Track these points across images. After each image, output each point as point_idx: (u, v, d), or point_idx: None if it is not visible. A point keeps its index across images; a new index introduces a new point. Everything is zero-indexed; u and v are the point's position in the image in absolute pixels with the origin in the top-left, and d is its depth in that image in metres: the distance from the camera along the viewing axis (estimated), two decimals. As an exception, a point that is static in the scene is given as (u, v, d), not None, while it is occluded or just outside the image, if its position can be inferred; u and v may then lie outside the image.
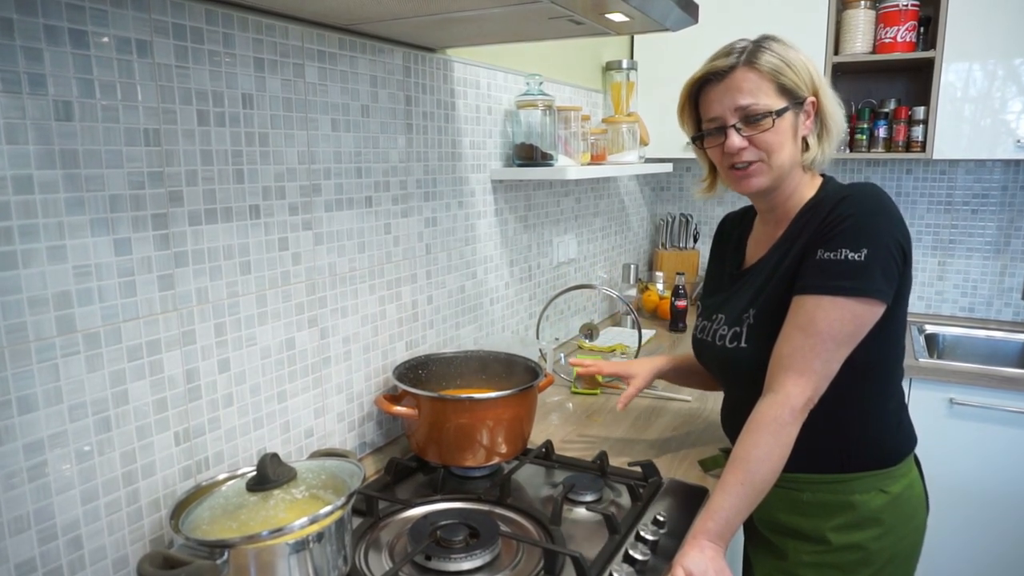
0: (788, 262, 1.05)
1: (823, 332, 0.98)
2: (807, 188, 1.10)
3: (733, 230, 1.27)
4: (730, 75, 1.04)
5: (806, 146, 1.07)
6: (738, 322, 1.11)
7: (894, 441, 1.10)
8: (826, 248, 0.99)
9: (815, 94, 1.05)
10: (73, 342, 0.83)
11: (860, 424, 1.07)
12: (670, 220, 2.75)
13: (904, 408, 1.13)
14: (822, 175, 1.13)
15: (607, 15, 1.08)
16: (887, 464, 1.08)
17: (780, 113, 1.03)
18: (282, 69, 1.08)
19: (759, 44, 1.04)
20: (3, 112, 0.74)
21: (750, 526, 1.22)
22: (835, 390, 1.01)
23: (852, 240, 0.98)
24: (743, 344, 1.09)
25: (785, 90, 1.03)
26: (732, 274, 1.21)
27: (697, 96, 1.11)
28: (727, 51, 1.05)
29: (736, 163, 1.07)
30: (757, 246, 1.18)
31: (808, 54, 1.08)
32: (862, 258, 0.97)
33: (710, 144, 1.10)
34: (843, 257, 0.97)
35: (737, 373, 1.14)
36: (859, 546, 1.07)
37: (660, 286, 2.50)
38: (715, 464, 1.28)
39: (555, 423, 1.56)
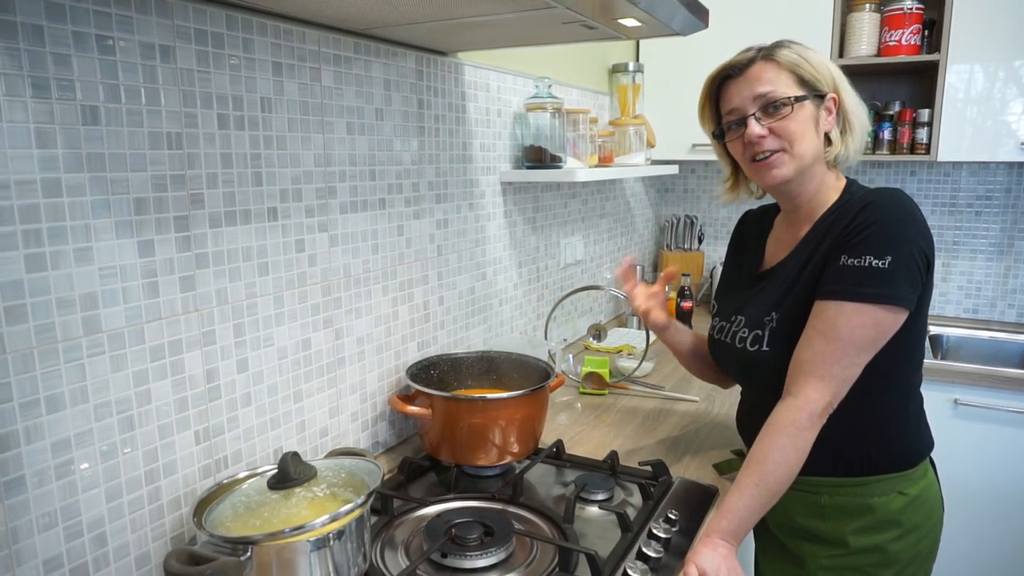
0: (812, 267, 1.05)
1: (844, 338, 0.98)
2: (832, 189, 1.09)
3: (752, 228, 1.27)
4: (749, 68, 1.06)
5: (829, 142, 1.07)
6: (760, 325, 1.11)
7: (913, 444, 1.11)
8: (850, 254, 0.99)
9: (836, 91, 1.06)
10: (99, 342, 0.84)
11: (880, 427, 1.07)
12: (675, 221, 2.77)
13: (922, 411, 1.14)
14: (846, 178, 1.13)
15: (619, 20, 1.10)
16: (906, 466, 1.08)
17: (799, 100, 1.04)
18: (299, 73, 1.10)
19: (778, 42, 1.07)
20: (34, 117, 0.76)
21: (762, 534, 1.23)
22: (856, 393, 1.01)
23: (877, 247, 0.97)
24: (764, 347, 1.09)
25: (804, 82, 1.05)
26: (751, 274, 1.21)
27: (717, 94, 1.12)
28: (746, 49, 1.08)
29: (757, 154, 1.06)
30: (778, 246, 1.17)
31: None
32: (886, 265, 0.96)
33: (730, 138, 1.10)
34: (867, 264, 0.97)
35: (757, 376, 1.15)
36: (879, 548, 1.07)
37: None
38: (730, 468, 1.29)
39: (564, 423, 1.57)
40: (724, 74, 1.09)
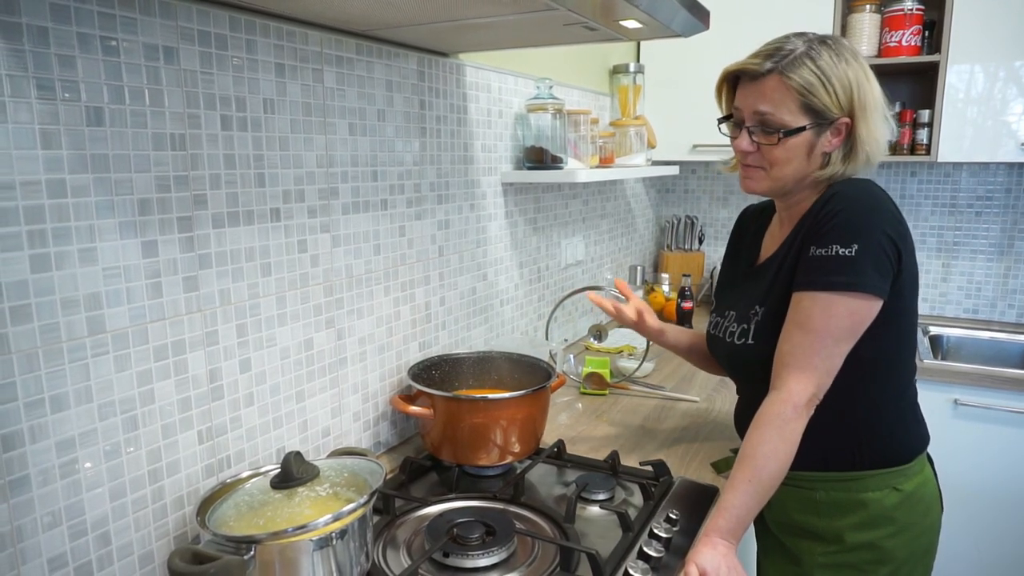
0: (790, 260, 1.07)
1: (820, 328, 0.99)
2: (819, 191, 1.10)
3: (751, 224, 1.27)
4: (761, 79, 1.04)
5: (828, 161, 1.06)
6: (746, 319, 1.12)
7: (906, 438, 1.11)
8: (818, 245, 1.01)
9: (852, 116, 1.03)
10: (103, 342, 0.85)
11: (872, 421, 1.08)
12: (675, 222, 2.77)
13: (916, 405, 1.14)
14: None
15: (620, 21, 1.10)
16: (900, 462, 1.09)
17: (790, 133, 1.02)
18: (302, 74, 1.10)
19: (807, 53, 1.02)
20: (39, 118, 0.76)
21: (762, 532, 1.23)
22: (846, 387, 1.02)
23: (842, 236, 0.98)
24: (750, 341, 1.11)
25: (810, 109, 1.02)
26: (745, 270, 1.22)
27: (735, 82, 1.11)
28: (772, 51, 1.03)
29: (743, 161, 1.10)
30: (771, 242, 1.19)
31: (867, 70, 1.04)
32: (853, 253, 0.97)
33: (728, 131, 1.13)
34: (834, 253, 0.99)
35: (745, 369, 1.16)
36: (873, 545, 1.08)
37: (666, 288, 2.52)
38: (728, 466, 1.29)
39: (565, 423, 1.58)
40: (739, 73, 1.08)
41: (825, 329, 0.99)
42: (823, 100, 1.01)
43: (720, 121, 1.15)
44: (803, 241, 1.04)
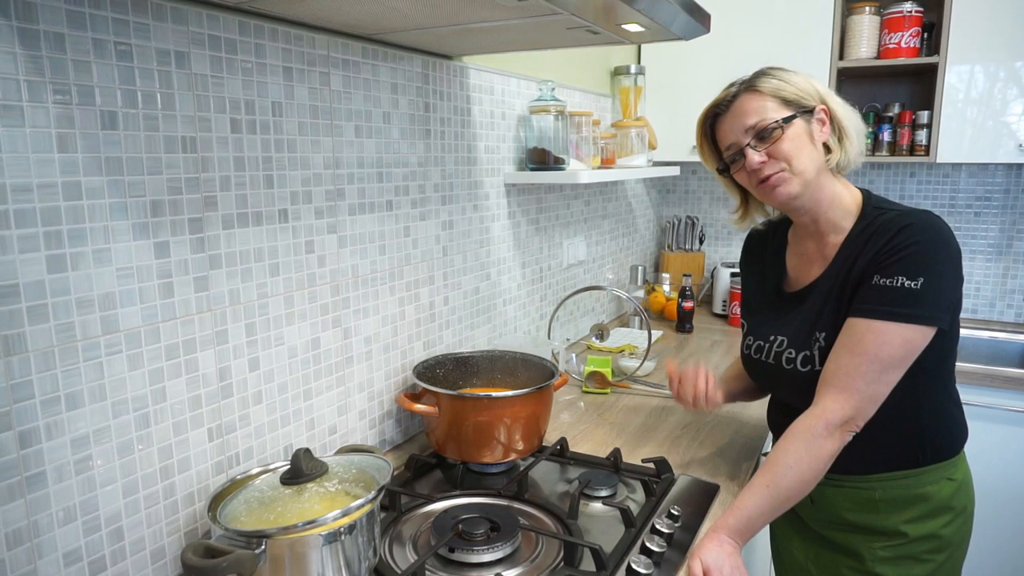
0: (850, 285, 1.07)
1: (870, 353, 1.00)
2: (846, 198, 1.11)
3: (767, 244, 1.27)
4: (734, 103, 1.10)
5: (827, 151, 1.10)
6: (807, 345, 1.11)
7: (957, 430, 1.14)
8: (883, 275, 1.01)
9: (823, 103, 1.09)
10: (116, 341, 0.87)
11: (933, 419, 1.10)
12: (676, 222, 2.79)
13: (959, 397, 1.17)
14: (860, 189, 1.14)
15: (623, 25, 1.12)
16: (953, 453, 1.12)
17: (787, 121, 1.06)
18: (309, 78, 1.12)
19: (758, 71, 1.11)
20: (55, 122, 0.78)
21: (799, 530, 1.23)
22: (911, 394, 1.05)
23: (910, 269, 0.99)
24: (817, 367, 1.10)
25: (788, 102, 1.08)
26: (779, 292, 1.22)
27: (712, 132, 1.16)
28: (729, 85, 1.12)
29: (762, 177, 1.09)
30: (803, 262, 1.18)
31: (811, 65, 1.11)
32: (918, 287, 0.99)
33: (735, 170, 1.14)
34: (899, 284, 1.00)
35: (812, 394, 1.10)
36: (934, 535, 1.09)
37: (667, 287, 2.53)
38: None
39: (567, 421, 1.59)
40: (713, 112, 1.14)
41: (875, 355, 1.00)
42: (794, 92, 1.08)
43: (720, 171, 1.17)
44: (865, 268, 1.04)
